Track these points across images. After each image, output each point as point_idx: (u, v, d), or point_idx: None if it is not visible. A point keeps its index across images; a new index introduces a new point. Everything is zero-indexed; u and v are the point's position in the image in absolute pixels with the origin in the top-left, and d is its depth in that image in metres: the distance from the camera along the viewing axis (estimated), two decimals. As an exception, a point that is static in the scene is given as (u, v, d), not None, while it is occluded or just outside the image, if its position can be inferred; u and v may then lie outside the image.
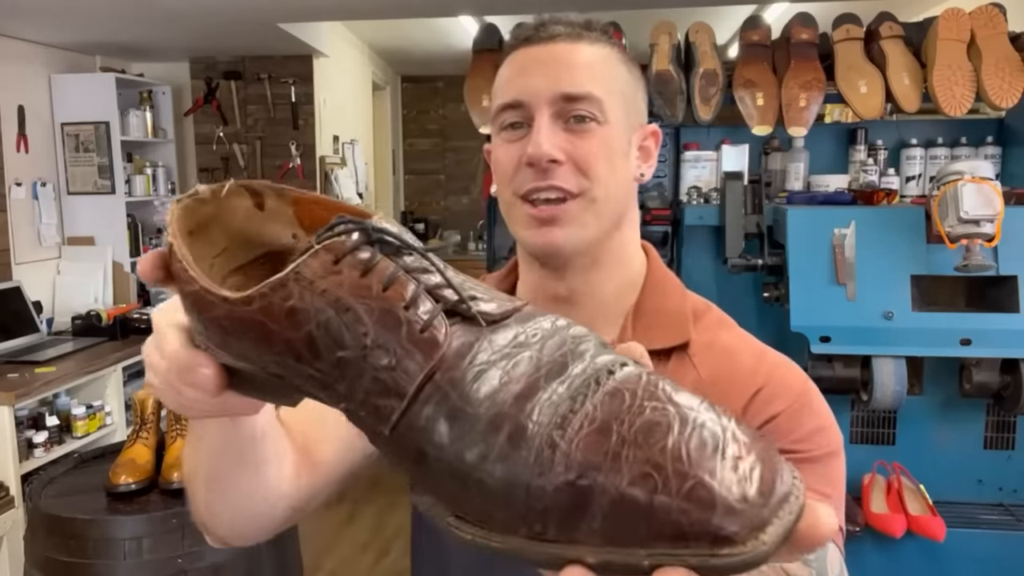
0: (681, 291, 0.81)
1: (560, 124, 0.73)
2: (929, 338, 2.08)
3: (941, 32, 2.25)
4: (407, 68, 7.19)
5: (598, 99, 0.73)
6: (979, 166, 2.03)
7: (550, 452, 0.34)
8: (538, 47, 0.75)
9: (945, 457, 2.33)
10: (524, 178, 0.74)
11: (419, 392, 0.37)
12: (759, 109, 2.34)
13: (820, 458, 0.70)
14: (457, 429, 0.36)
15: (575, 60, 0.74)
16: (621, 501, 0.32)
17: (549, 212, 0.73)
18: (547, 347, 0.38)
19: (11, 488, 2.80)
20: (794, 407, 0.72)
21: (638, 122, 0.79)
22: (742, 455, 0.32)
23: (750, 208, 2.39)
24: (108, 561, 1.79)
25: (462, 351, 0.37)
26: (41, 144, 3.97)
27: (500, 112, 0.76)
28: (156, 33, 3.93)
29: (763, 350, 0.78)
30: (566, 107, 0.73)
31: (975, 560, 2.16)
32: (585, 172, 0.73)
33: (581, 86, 0.72)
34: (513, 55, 0.77)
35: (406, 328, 0.38)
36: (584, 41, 0.75)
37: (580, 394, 0.35)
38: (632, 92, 0.78)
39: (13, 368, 3.11)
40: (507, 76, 0.77)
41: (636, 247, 0.82)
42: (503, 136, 0.76)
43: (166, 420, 2.10)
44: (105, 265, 4.07)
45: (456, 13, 3.97)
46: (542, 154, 0.71)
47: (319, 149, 4.76)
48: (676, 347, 0.76)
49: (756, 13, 2.86)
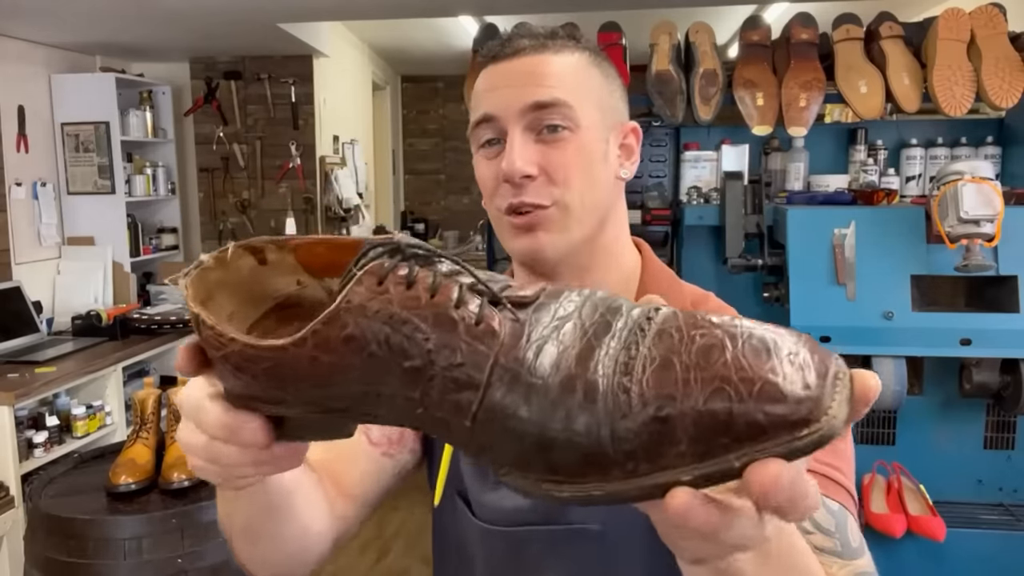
0: (677, 283, 0.84)
1: (532, 136, 0.75)
2: (929, 338, 2.08)
3: (941, 32, 2.25)
4: (407, 68, 7.19)
5: (568, 105, 0.74)
6: (979, 166, 2.02)
7: (624, 396, 0.37)
8: (505, 62, 0.77)
9: (945, 457, 2.33)
10: (504, 194, 0.76)
11: (490, 378, 0.40)
12: (759, 109, 2.34)
13: None
14: (534, 401, 0.39)
15: (542, 70, 0.75)
16: (701, 418, 0.36)
17: (528, 220, 0.75)
18: (584, 313, 0.41)
19: (11, 488, 2.80)
20: None
21: (616, 121, 0.80)
22: (793, 350, 0.36)
23: (750, 208, 2.39)
24: (108, 561, 1.79)
25: (516, 333, 0.41)
26: (41, 144, 3.97)
27: (475, 128, 0.78)
28: (156, 33, 3.93)
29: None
30: (537, 117, 0.74)
31: (975, 560, 2.16)
32: (559, 182, 0.74)
33: (549, 94, 0.74)
34: (483, 73, 0.79)
35: (463, 326, 0.40)
36: (549, 51, 0.76)
37: (631, 343, 0.39)
38: (606, 93, 0.79)
39: (13, 368, 3.11)
40: (478, 93, 0.78)
41: (627, 244, 0.84)
42: (481, 153, 0.78)
43: (166, 420, 2.10)
44: (105, 265, 4.07)
45: (456, 13, 3.97)
46: (515, 170, 0.73)
47: (319, 149, 4.76)
48: None
49: (756, 13, 2.86)
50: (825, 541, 0.66)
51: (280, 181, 4.75)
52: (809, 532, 0.65)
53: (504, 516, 0.77)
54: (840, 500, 0.68)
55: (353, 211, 5.06)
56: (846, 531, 0.67)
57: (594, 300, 0.42)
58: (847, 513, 0.68)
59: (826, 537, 0.66)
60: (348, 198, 4.93)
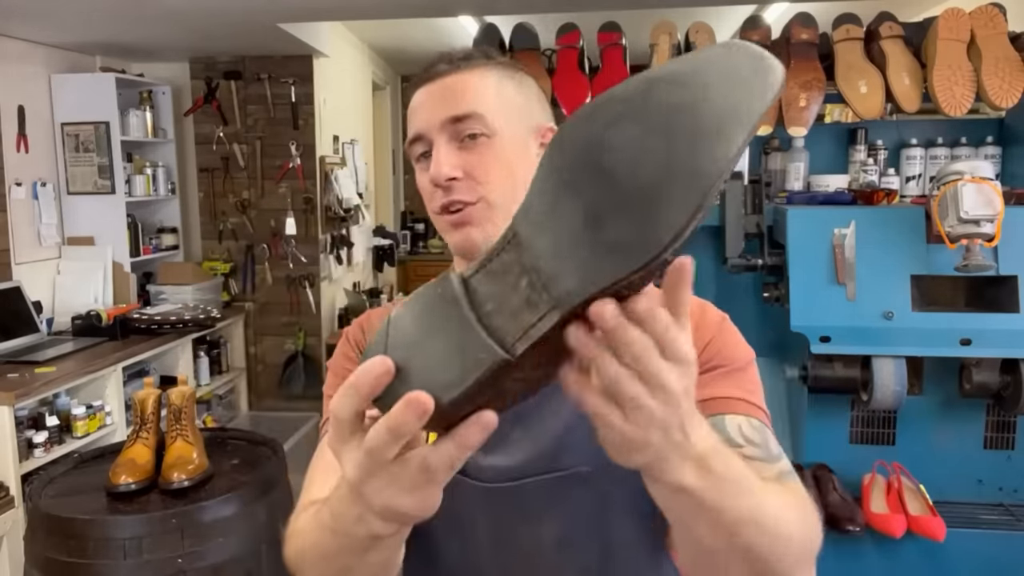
0: None
1: (455, 144, 0.86)
2: (929, 338, 2.08)
3: (941, 32, 2.25)
4: (407, 68, 7.19)
5: (481, 115, 0.85)
6: (979, 166, 2.03)
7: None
8: (427, 86, 0.89)
9: (945, 457, 2.33)
10: (437, 198, 0.87)
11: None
12: (759, 109, 2.34)
13: (742, 367, 0.87)
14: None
15: (456, 88, 0.87)
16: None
17: (458, 217, 0.86)
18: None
19: (11, 488, 2.80)
20: (717, 331, 0.89)
21: (535, 124, 0.91)
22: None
23: (750, 208, 2.39)
24: (108, 561, 1.79)
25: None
26: (41, 144, 3.97)
27: (410, 146, 0.90)
28: (156, 33, 3.93)
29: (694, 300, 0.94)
30: (456, 128, 0.85)
31: (975, 560, 2.16)
32: (481, 181, 0.85)
33: (463, 107, 0.85)
34: (413, 96, 0.91)
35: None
36: (462, 70, 0.88)
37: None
38: (522, 101, 0.90)
39: (13, 368, 3.11)
40: (410, 115, 0.91)
41: None
42: (418, 167, 0.91)
43: (166, 420, 2.10)
44: (105, 265, 4.07)
45: (456, 13, 3.97)
46: (440, 174, 0.85)
47: (319, 149, 4.76)
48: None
49: (756, 13, 2.87)
50: (753, 451, 0.80)
51: (280, 181, 4.75)
52: (740, 445, 0.79)
53: (504, 473, 0.86)
54: (759, 418, 0.83)
55: (353, 211, 5.06)
56: (767, 441, 0.81)
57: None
58: (765, 427, 0.83)
59: (753, 447, 0.80)
60: (348, 198, 4.93)
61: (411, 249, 7.16)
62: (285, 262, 4.79)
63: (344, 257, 5.13)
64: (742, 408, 0.84)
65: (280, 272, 4.82)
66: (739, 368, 0.87)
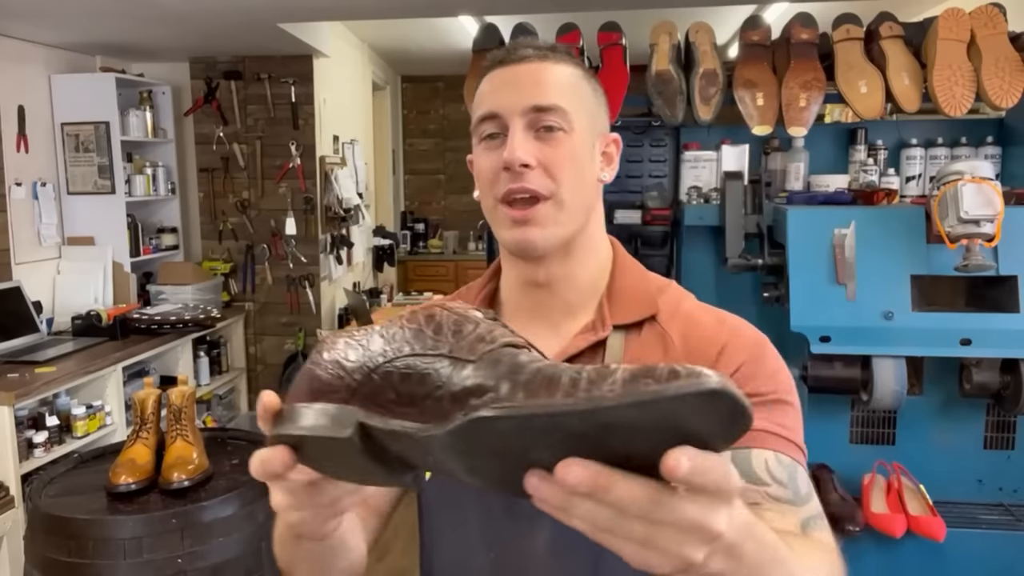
0: (643, 271, 0.94)
1: (532, 133, 0.83)
2: (929, 338, 2.08)
3: (941, 32, 2.25)
4: (407, 68, 7.19)
5: (564, 110, 0.83)
6: (979, 166, 2.02)
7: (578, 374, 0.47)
8: (511, 67, 0.86)
9: (945, 457, 2.33)
10: (503, 182, 0.84)
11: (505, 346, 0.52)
12: (759, 109, 2.34)
13: (779, 399, 0.82)
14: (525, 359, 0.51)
15: (544, 77, 0.85)
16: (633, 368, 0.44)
17: (524, 214, 0.84)
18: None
19: (11, 488, 2.80)
20: (753, 356, 0.84)
21: (601, 131, 0.90)
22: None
23: (750, 208, 2.39)
24: (108, 561, 1.79)
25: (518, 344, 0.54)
26: (41, 144, 3.97)
27: (479, 124, 0.87)
28: (156, 33, 3.93)
29: (720, 314, 0.90)
30: (536, 118, 0.83)
31: (975, 560, 2.16)
32: (553, 176, 0.83)
33: (549, 99, 0.83)
34: (490, 75, 0.88)
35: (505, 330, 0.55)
36: (550, 61, 0.86)
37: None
38: (595, 105, 0.90)
39: (13, 368, 3.11)
40: (485, 92, 0.88)
41: (603, 238, 0.94)
42: (483, 146, 0.87)
43: (166, 420, 2.10)
44: (105, 265, 4.07)
45: (456, 13, 3.97)
46: (516, 158, 0.82)
47: (319, 149, 4.76)
48: (647, 318, 0.89)
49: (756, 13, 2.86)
50: (780, 491, 0.76)
51: (280, 181, 4.75)
52: (765, 483, 0.76)
53: None
54: (791, 455, 0.79)
55: (353, 211, 5.06)
56: (796, 481, 0.78)
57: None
58: (797, 465, 0.79)
59: (781, 487, 0.76)
60: (348, 198, 4.93)
61: (411, 249, 7.16)
62: (285, 262, 4.79)
63: (344, 257, 5.13)
64: (772, 443, 0.79)
65: (280, 272, 4.82)
66: (774, 399, 0.82)
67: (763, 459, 0.77)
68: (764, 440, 0.78)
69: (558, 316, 0.91)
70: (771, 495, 0.76)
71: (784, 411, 0.82)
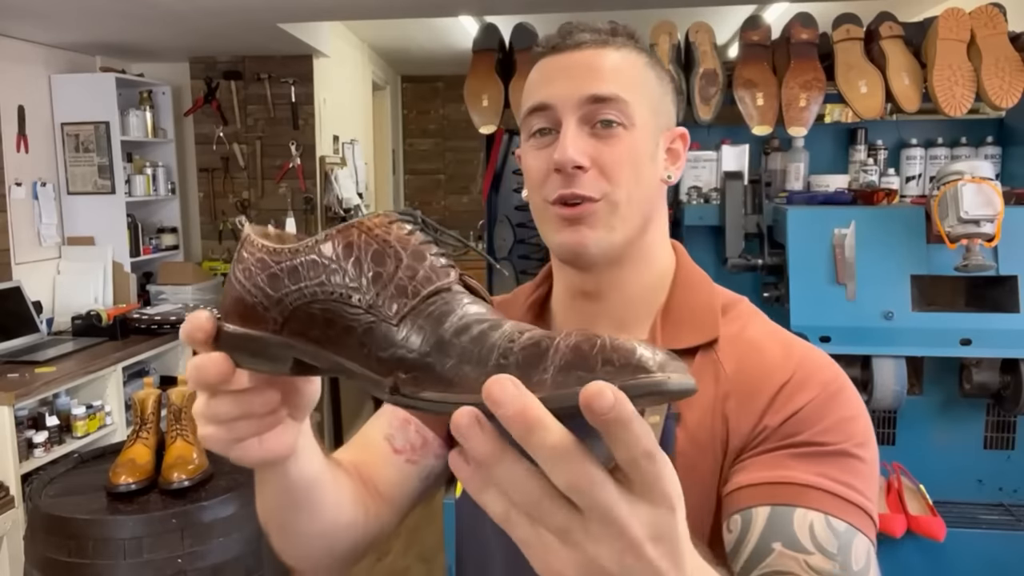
0: (709, 286, 0.83)
1: (587, 129, 0.74)
2: (929, 338, 2.08)
3: (941, 32, 2.25)
4: (407, 68, 7.19)
5: (625, 101, 0.74)
6: (979, 166, 2.02)
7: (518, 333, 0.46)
8: (565, 54, 0.77)
9: (945, 457, 2.33)
10: (553, 184, 0.75)
11: (429, 297, 0.49)
12: (759, 109, 2.34)
13: (845, 451, 0.69)
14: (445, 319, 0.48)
15: (602, 65, 0.75)
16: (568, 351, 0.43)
17: (576, 211, 0.74)
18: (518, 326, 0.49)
19: (11, 488, 2.80)
20: (820, 398, 0.71)
21: (667, 125, 0.80)
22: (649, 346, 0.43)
23: (750, 208, 2.39)
24: (108, 561, 1.79)
25: (460, 292, 0.50)
26: (41, 144, 3.97)
27: (528, 116, 0.77)
28: (156, 33, 3.93)
29: (792, 342, 0.78)
30: (593, 110, 0.74)
31: (975, 560, 2.16)
32: (609, 177, 0.74)
33: (608, 88, 0.74)
34: (541, 62, 0.79)
35: (428, 262, 0.51)
36: (610, 47, 0.77)
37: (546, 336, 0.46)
38: (660, 96, 0.79)
39: (13, 368, 3.11)
40: (535, 82, 0.78)
41: (664, 246, 0.84)
42: (532, 143, 0.78)
43: (166, 420, 2.10)
44: (105, 265, 4.07)
45: (456, 13, 3.97)
46: (568, 159, 0.72)
47: (319, 149, 4.76)
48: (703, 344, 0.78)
49: (756, 13, 2.86)
50: (824, 562, 0.64)
51: (280, 181, 4.75)
52: (809, 552, 0.64)
53: None
54: (850, 520, 0.66)
55: (353, 211, 5.06)
56: (849, 553, 0.65)
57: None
58: (855, 533, 0.66)
59: (826, 558, 0.64)
60: (348, 198, 4.93)
61: (411, 249, 7.16)
62: (285, 262, 4.79)
63: (344, 257, 5.13)
64: (824, 503, 0.66)
65: (280, 272, 4.81)
66: (838, 450, 0.69)
67: (808, 521, 0.65)
68: (813, 498, 0.66)
69: (609, 332, 0.79)
70: (811, 565, 0.63)
71: (850, 467, 0.68)
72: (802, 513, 0.65)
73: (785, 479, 0.67)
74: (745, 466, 0.70)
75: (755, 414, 0.71)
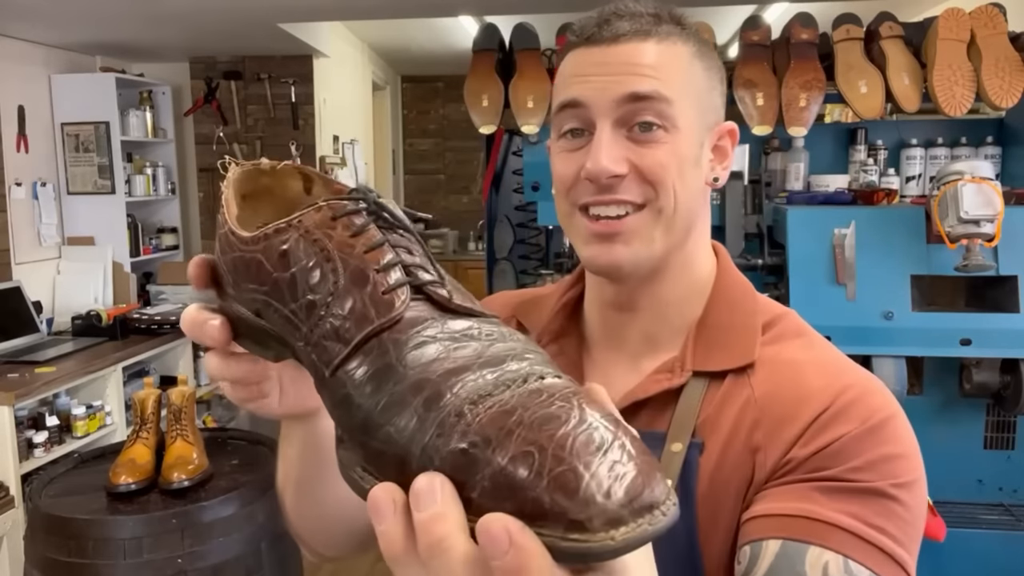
0: (751, 301, 0.76)
1: (623, 132, 0.67)
2: (929, 338, 2.08)
3: (941, 32, 2.25)
4: (407, 68, 7.19)
5: (667, 100, 0.67)
6: (979, 166, 2.03)
7: (455, 420, 0.36)
8: (602, 47, 0.68)
9: (945, 457, 2.33)
10: (581, 191, 0.69)
11: (363, 343, 0.40)
12: (759, 109, 2.34)
13: (880, 490, 0.61)
14: (384, 383, 0.39)
15: (642, 59, 0.67)
16: (500, 473, 0.34)
17: (611, 227, 0.67)
18: (494, 346, 0.40)
19: (11, 488, 2.80)
20: (860, 431, 0.63)
21: (714, 122, 0.72)
22: (622, 460, 0.34)
23: (750, 208, 2.39)
24: (108, 561, 1.79)
25: (414, 322, 0.40)
26: (41, 144, 3.97)
27: (559, 112, 0.71)
28: (156, 33, 3.93)
29: (837, 366, 0.71)
30: (631, 110, 0.67)
31: (975, 560, 2.16)
32: (653, 183, 0.67)
33: (648, 86, 0.66)
34: (575, 53, 0.71)
35: (371, 287, 0.41)
36: (652, 38, 0.68)
37: (504, 385, 0.37)
38: (707, 90, 0.71)
39: (13, 368, 3.11)
40: (567, 75, 0.70)
41: (705, 254, 0.76)
42: (562, 144, 0.71)
43: (166, 420, 2.10)
44: (105, 265, 4.07)
45: (456, 13, 3.97)
46: (602, 169, 0.66)
47: (319, 149, 4.76)
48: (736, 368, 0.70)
49: (756, 13, 2.86)
50: None
51: (280, 181, 4.75)
52: None
53: None
54: (874, 568, 0.58)
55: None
56: None
57: (515, 343, 0.41)
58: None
59: None
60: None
61: (411, 249, 7.16)
62: (285, 262, 4.79)
63: (344, 257, 5.13)
64: (844, 544, 0.58)
65: (280, 272, 4.82)
66: (872, 490, 0.61)
67: (822, 561, 0.58)
68: (833, 538, 0.59)
69: (638, 346, 0.74)
70: None
71: (884, 508, 0.60)
72: (817, 552, 0.58)
73: (803, 512, 0.60)
74: (766, 495, 0.64)
75: (784, 445, 0.64)
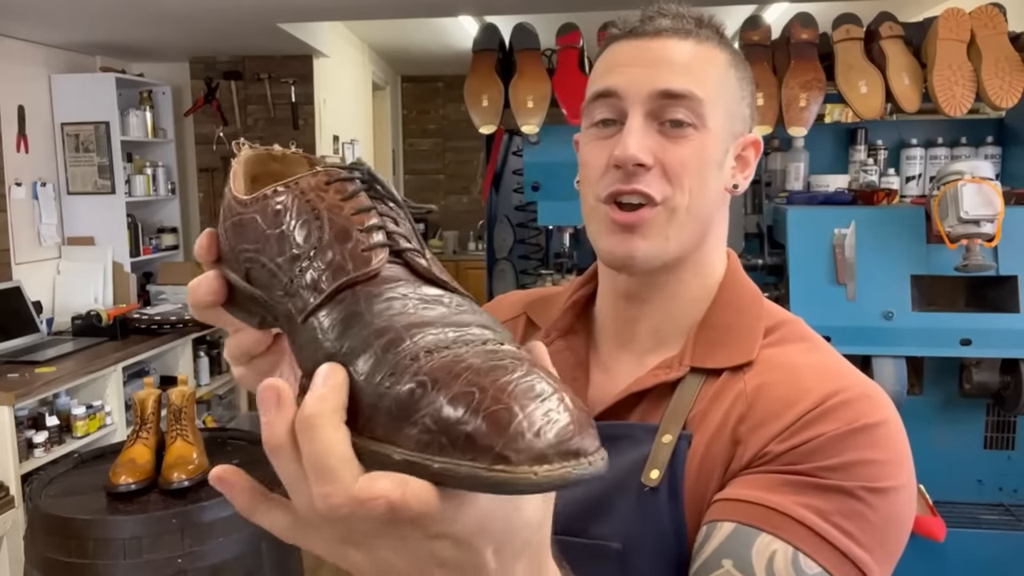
0: (757, 306, 0.76)
1: (654, 126, 0.69)
2: (929, 338, 2.08)
3: (941, 32, 2.25)
4: (407, 68, 7.19)
5: (699, 100, 0.68)
6: (979, 166, 2.03)
7: (409, 362, 0.37)
8: (642, 41, 0.70)
9: (945, 457, 2.33)
10: (609, 180, 0.70)
11: (336, 293, 0.42)
12: (759, 109, 2.34)
13: (849, 490, 0.60)
14: (349, 328, 0.40)
15: (679, 57, 0.69)
16: (439, 410, 0.35)
17: (631, 218, 0.69)
18: (462, 315, 0.42)
19: (11, 488, 2.80)
20: (841, 432, 0.62)
21: (741, 131, 0.75)
22: (558, 409, 0.35)
23: (750, 208, 2.39)
24: (108, 561, 1.79)
25: (388, 279, 0.42)
26: (41, 144, 3.97)
27: (592, 103, 0.72)
28: (156, 33, 3.93)
29: (836, 371, 0.70)
30: (663, 105, 0.68)
31: (975, 560, 2.16)
32: (672, 180, 0.69)
33: (682, 84, 0.68)
34: (614, 46, 0.73)
35: (352, 243, 0.43)
36: (692, 39, 0.70)
37: (464, 343, 0.39)
38: (738, 100, 0.74)
39: (13, 368, 3.11)
40: (604, 66, 0.72)
41: (718, 258, 0.78)
42: (592, 133, 0.72)
43: (166, 420, 2.10)
44: (105, 265, 4.07)
45: (456, 13, 3.98)
46: (629, 156, 0.67)
47: (319, 149, 4.76)
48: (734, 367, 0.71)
49: (756, 13, 2.87)
50: None
51: (280, 181, 4.75)
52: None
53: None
54: (827, 566, 0.58)
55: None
56: None
57: (483, 318, 0.42)
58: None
59: None
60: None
61: (411, 249, 7.16)
62: (285, 262, 4.79)
63: (344, 257, 5.13)
64: (798, 537, 0.58)
65: (280, 272, 4.82)
66: (840, 488, 0.60)
67: (770, 549, 0.58)
68: (785, 528, 0.58)
69: (646, 343, 0.76)
70: None
71: (848, 508, 0.60)
72: (767, 540, 0.58)
73: (761, 500, 0.60)
74: (735, 482, 0.64)
75: (764, 439, 0.65)
